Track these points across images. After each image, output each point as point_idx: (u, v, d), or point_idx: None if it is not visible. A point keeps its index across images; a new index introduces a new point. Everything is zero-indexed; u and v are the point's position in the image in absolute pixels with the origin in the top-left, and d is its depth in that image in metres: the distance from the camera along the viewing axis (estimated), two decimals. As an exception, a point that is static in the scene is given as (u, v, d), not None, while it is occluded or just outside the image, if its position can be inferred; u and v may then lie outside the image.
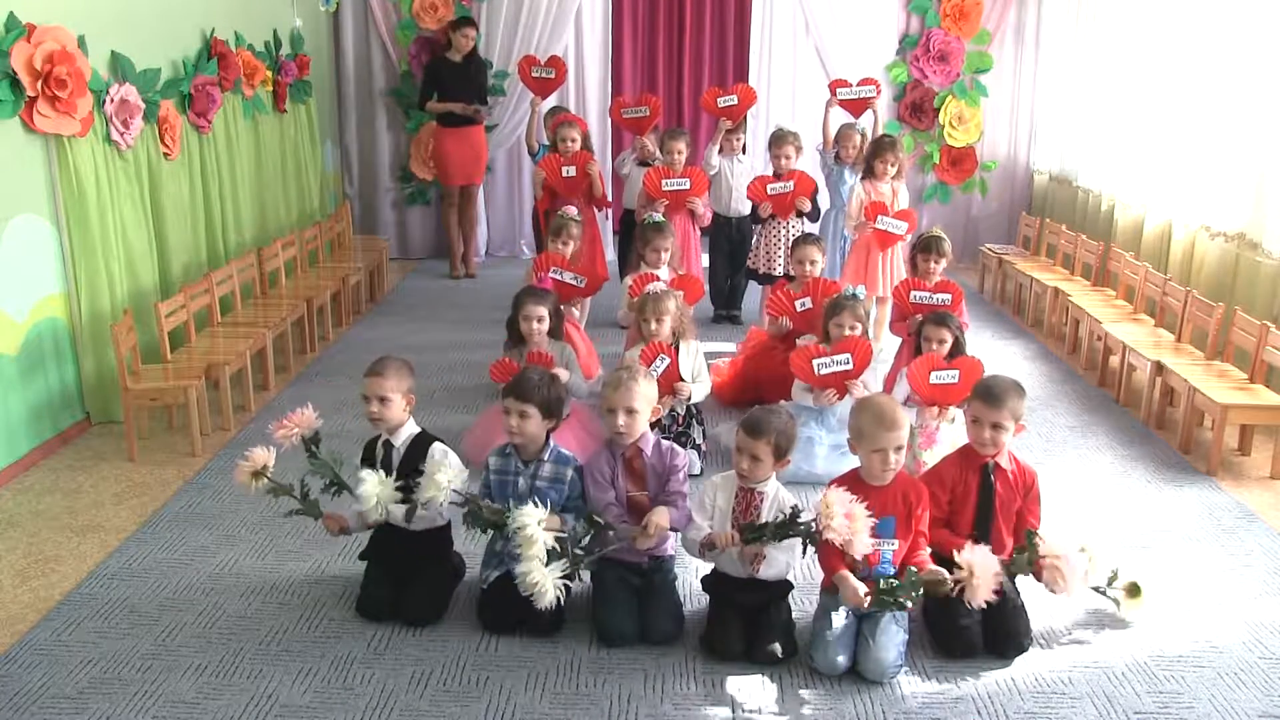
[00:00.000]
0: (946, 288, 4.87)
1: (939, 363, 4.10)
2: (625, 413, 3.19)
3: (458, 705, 2.88)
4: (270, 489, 3.27)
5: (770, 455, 3.08)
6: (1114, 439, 4.94)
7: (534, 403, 3.21)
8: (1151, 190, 6.64)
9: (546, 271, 5.20)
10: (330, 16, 8.71)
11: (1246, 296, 5.29)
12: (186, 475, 4.45)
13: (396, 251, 9.06)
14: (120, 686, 2.94)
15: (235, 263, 6.01)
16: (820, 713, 2.87)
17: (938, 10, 8.59)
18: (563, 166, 6.48)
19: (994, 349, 6.31)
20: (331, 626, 3.27)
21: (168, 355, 4.99)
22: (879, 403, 3.17)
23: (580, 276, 5.27)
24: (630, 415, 3.19)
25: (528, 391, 3.21)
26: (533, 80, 7.29)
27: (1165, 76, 6.50)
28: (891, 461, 3.04)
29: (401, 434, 3.35)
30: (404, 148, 8.95)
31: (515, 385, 3.24)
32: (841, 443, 4.41)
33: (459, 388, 5.61)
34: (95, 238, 4.85)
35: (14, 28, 4.27)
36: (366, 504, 3.13)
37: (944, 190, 8.98)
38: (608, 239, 8.21)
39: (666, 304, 4.48)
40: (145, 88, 5.29)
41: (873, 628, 3.03)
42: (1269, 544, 3.88)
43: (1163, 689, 2.98)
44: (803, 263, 5.25)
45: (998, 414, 3.19)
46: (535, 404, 3.21)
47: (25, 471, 4.46)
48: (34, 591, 3.48)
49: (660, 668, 3.06)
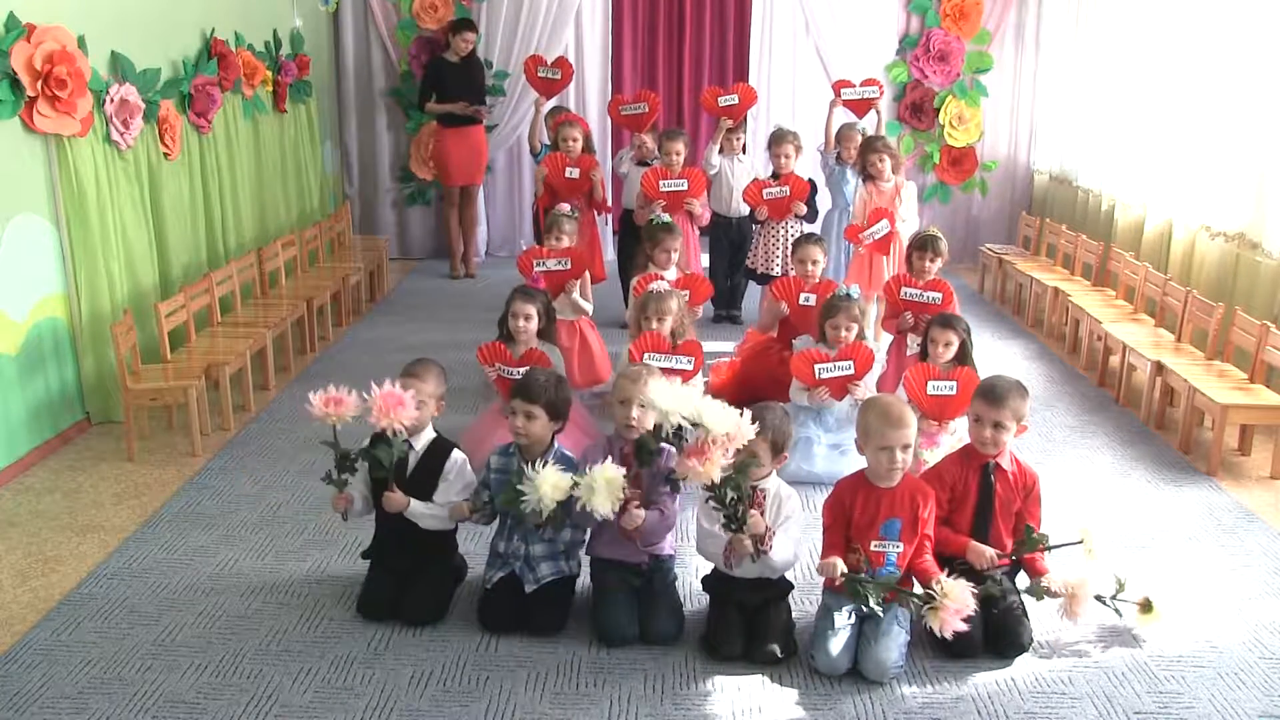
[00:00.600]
0: (937, 286, 4.86)
1: (935, 372, 4.06)
2: (638, 405, 3.18)
3: (458, 705, 2.88)
4: (330, 441, 3.16)
5: (767, 452, 3.09)
6: (1114, 439, 4.94)
7: (541, 404, 3.21)
8: (1151, 190, 6.64)
9: (531, 268, 5.14)
10: (330, 16, 8.71)
11: (1246, 296, 5.29)
12: (186, 475, 4.45)
13: (396, 251, 9.06)
14: (120, 686, 2.94)
15: (235, 263, 6.01)
16: (820, 713, 2.87)
17: (938, 10, 8.59)
18: (567, 168, 6.48)
19: (994, 349, 6.30)
20: (331, 626, 3.27)
21: (168, 355, 4.99)
22: (886, 401, 3.17)
23: (563, 260, 5.14)
24: (643, 410, 3.19)
25: (535, 393, 3.21)
26: (538, 80, 7.28)
27: (1165, 76, 6.50)
28: (899, 460, 3.03)
29: (422, 438, 3.35)
30: (404, 148, 8.95)
31: (523, 386, 3.25)
32: (840, 442, 4.41)
33: (459, 388, 5.59)
34: (95, 238, 4.85)
35: (14, 28, 4.27)
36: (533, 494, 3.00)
37: (944, 190, 8.98)
38: (606, 239, 8.20)
39: (669, 303, 4.48)
40: (145, 88, 5.29)
41: (874, 628, 3.03)
42: (1269, 544, 3.88)
43: (1163, 689, 2.98)
44: (804, 262, 5.23)
45: (998, 413, 3.18)
46: (542, 405, 3.22)
47: (25, 471, 4.46)
48: (34, 591, 3.48)
49: (660, 668, 3.06)
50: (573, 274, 5.15)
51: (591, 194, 6.63)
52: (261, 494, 4.23)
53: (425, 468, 3.31)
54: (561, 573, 3.29)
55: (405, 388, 3.19)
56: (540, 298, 4.60)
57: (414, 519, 3.28)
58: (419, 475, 3.30)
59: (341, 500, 3.28)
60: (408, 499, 3.26)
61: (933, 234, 5.20)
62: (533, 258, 5.16)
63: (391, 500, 3.24)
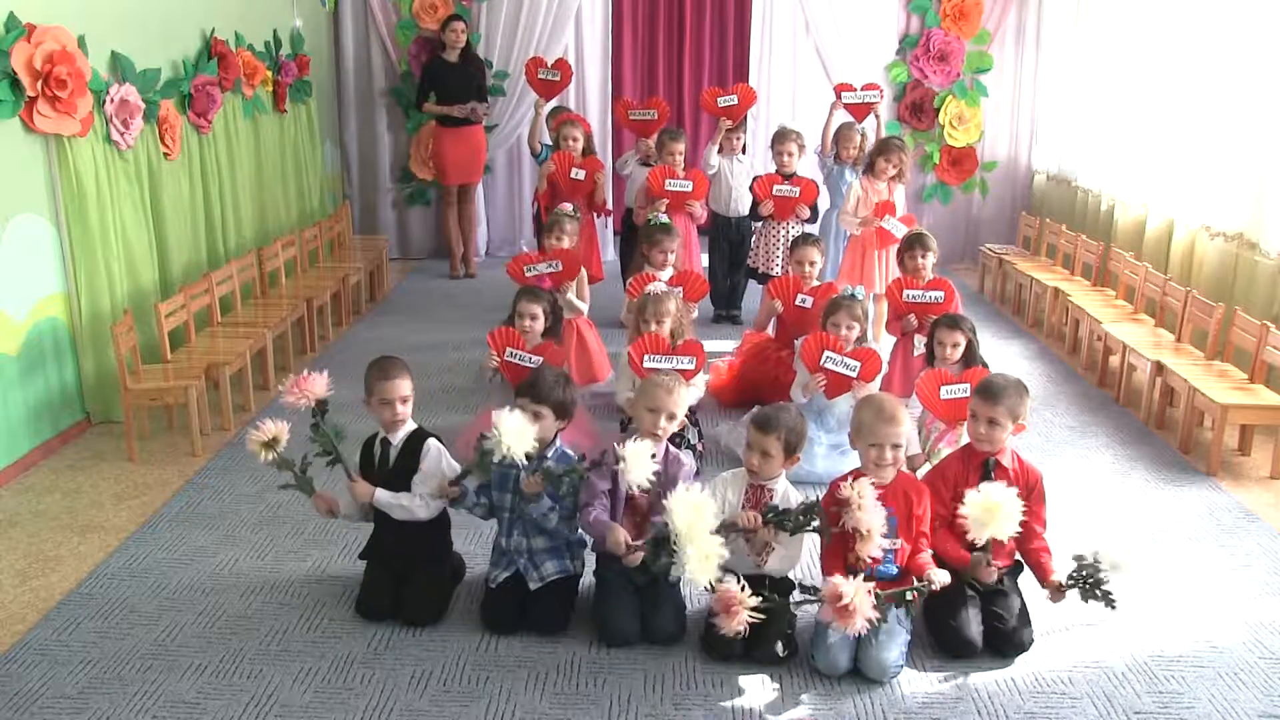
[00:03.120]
0: (939, 285, 4.86)
1: (948, 377, 4.02)
2: (667, 417, 3.24)
3: (458, 705, 2.88)
4: (277, 462, 3.24)
5: (780, 451, 3.10)
6: (1114, 439, 4.94)
7: (548, 404, 3.23)
8: (1151, 190, 6.64)
9: (521, 273, 5.11)
10: (330, 16, 8.71)
11: (1246, 296, 5.29)
12: (186, 475, 4.45)
13: (396, 251, 9.06)
14: (120, 686, 2.94)
15: (235, 263, 6.01)
16: (820, 713, 2.87)
17: (938, 10, 8.59)
18: (574, 168, 6.49)
19: (994, 349, 6.30)
20: (331, 626, 3.27)
21: (168, 355, 4.99)
22: (881, 398, 3.21)
23: (553, 261, 5.13)
24: (670, 420, 3.26)
25: (543, 392, 3.23)
26: (538, 82, 7.29)
27: (1165, 76, 6.50)
28: (888, 457, 3.05)
29: (400, 432, 3.35)
30: (404, 148, 8.95)
31: (531, 385, 3.27)
32: (840, 442, 4.41)
33: (459, 388, 5.61)
34: (95, 238, 4.85)
35: (14, 28, 4.27)
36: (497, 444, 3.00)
37: (944, 190, 8.98)
38: (606, 240, 8.20)
39: (667, 305, 4.48)
40: (145, 88, 5.29)
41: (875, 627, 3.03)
42: (1269, 544, 3.88)
43: (1163, 689, 2.98)
44: (802, 263, 5.25)
45: (992, 410, 3.18)
46: (549, 405, 3.23)
47: (25, 471, 4.46)
48: (34, 591, 3.48)
49: (660, 668, 3.06)
50: (566, 275, 5.16)
51: (593, 196, 6.64)
52: (261, 494, 4.23)
53: (405, 460, 3.32)
54: (566, 571, 3.30)
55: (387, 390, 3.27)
56: (546, 298, 4.60)
57: (383, 509, 3.29)
58: (399, 468, 3.31)
59: (321, 502, 3.31)
60: (372, 489, 3.27)
61: (918, 231, 5.22)
62: (522, 263, 5.13)
63: (355, 490, 3.28)
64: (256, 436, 3.20)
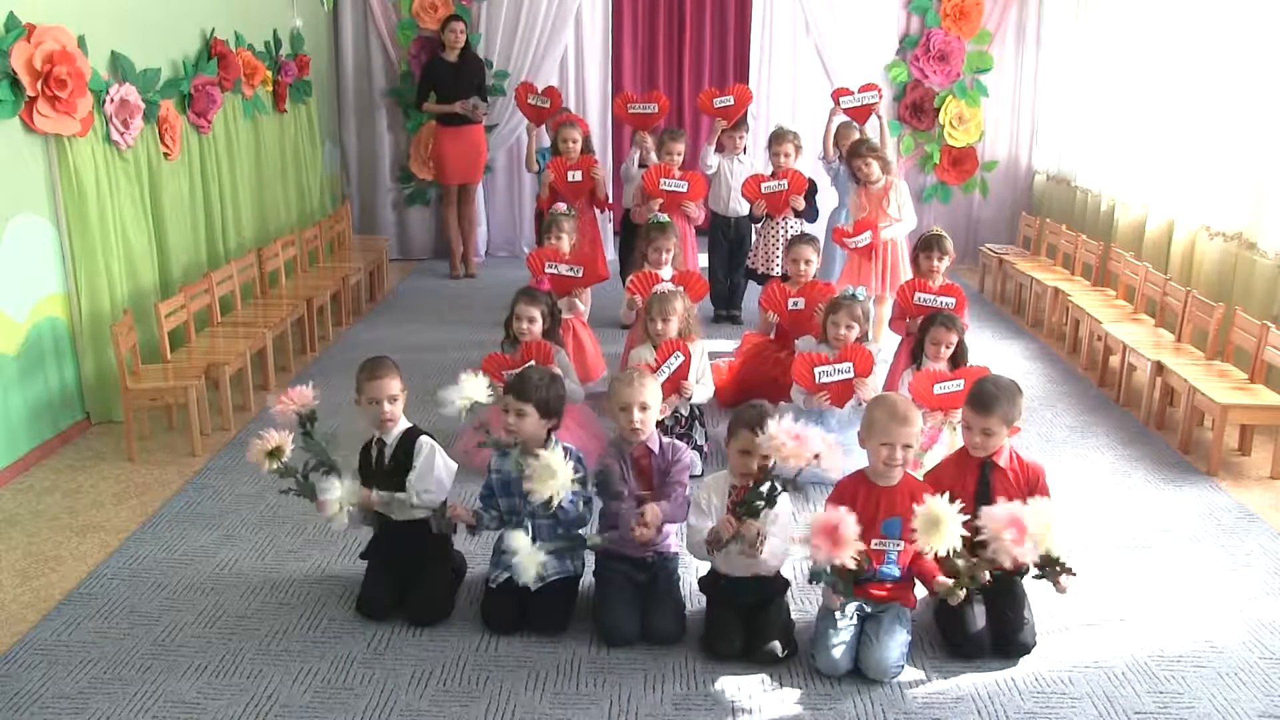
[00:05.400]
0: (950, 291, 4.86)
1: (942, 375, 4.08)
2: (639, 409, 3.23)
3: (458, 705, 2.88)
4: (280, 470, 3.23)
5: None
6: (1114, 439, 4.94)
7: (531, 402, 3.22)
8: (1151, 190, 6.64)
9: (542, 268, 5.17)
10: (330, 16, 8.71)
11: (1246, 296, 5.29)
12: (186, 475, 4.45)
13: (396, 251, 9.06)
14: (120, 686, 2.95)
15: (235, 263, 6.01)
16: (820, 713, 2.87)
17: (938, 10, 8.59)
18: (569, 171, 6.49)
19: (994, 349, 6.30)
20: (331, 626, 3.27)
21: (168, 355, 4.99)
22: (894, 398, 3.21)
23: (575, 266, 5.19)
24: (644, 411, 3.24)
25: (526, 390, 3.22)
26: (528, 107, 7.32)
27: (1165, 76, 6.50)
28: (898, 457, 3.04)
29: (393, 431, 3.36)
30: (404, 148, 8.95)
31: (514, 384, 3.27)
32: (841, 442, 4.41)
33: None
34: (95, 238, 4.85)
35: (14, 28, 4.27)
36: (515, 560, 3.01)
37: (944, 190, 8.98)
38: (608, 239, 8.20)
39: (674, 304, 4.49)
40: (145, 88, 5.29)
41: (876, 627, 3.03)
42: (1269, 544, 3.88)
43: (1163, 689, 2.98)
44: (797, 262, 5.25)
45: (986, 421, 3.18)
46: (533, 403, 3.22)
47: (25, 471, 4.46)
48: (34, 591, 3.48)
49: (660, 668, 3.06)
50: (582, 283, 5.21)
51: (594, 193, 6.65)
52: (261, 494, 4.23)
53: (399, 458, 3.32)
54: (566, 571, 3.30)
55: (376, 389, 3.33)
56: (545, 300, 4.60)
57: (383, 511, 3.30)
58: (393, 466, 3.32)
59: (324, 506, 3.29)
60: (369, 492, 3.28)
61: (937, 233, 5.19)
62: (544, 259, 5.17)
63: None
64: (260, 446, 3.20)
